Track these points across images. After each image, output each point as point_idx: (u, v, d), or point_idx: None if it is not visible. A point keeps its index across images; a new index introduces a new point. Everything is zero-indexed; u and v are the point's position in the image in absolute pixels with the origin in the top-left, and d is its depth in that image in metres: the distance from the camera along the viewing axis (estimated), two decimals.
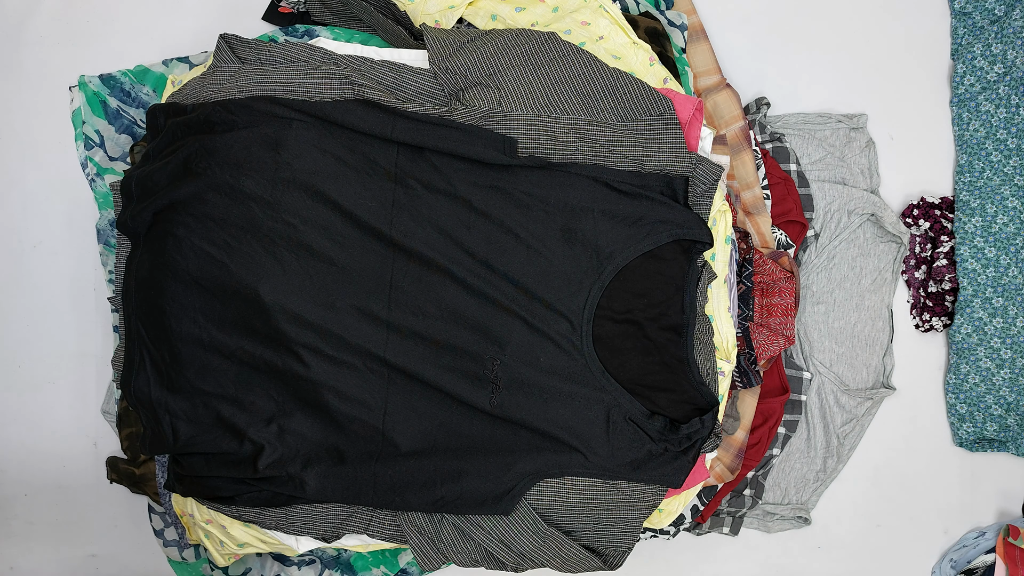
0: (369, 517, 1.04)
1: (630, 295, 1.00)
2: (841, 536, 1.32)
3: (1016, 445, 1.26)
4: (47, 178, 1.30)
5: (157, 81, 1.20)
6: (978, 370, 1.27)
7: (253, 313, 0.99)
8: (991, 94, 1.25)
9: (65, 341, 1.30)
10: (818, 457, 1.28)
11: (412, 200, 0.99)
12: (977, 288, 1.26)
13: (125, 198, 1.05)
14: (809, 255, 1.28)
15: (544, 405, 0.99)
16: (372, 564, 1.19)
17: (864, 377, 1.29)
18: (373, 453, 1.01)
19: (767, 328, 1.15)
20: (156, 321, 1.02)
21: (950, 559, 1.30)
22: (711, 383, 1.02)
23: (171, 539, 1.22)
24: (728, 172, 1.17)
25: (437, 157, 0.99)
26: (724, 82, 1.22)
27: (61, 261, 1.30)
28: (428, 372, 0.99)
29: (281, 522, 1.04)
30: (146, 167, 1.04)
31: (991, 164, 1.25)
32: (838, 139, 1.28)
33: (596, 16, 1.06)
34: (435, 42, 1.01)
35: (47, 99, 1.29)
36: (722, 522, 1.26)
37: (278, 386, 1.01)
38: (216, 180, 0.98)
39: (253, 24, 1.28)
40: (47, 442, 1.31)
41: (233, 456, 1.02)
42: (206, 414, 1.02)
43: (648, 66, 1.05)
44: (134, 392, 1.04)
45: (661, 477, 1.00)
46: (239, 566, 1.19)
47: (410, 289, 1.00)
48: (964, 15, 1.28)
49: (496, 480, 0.99)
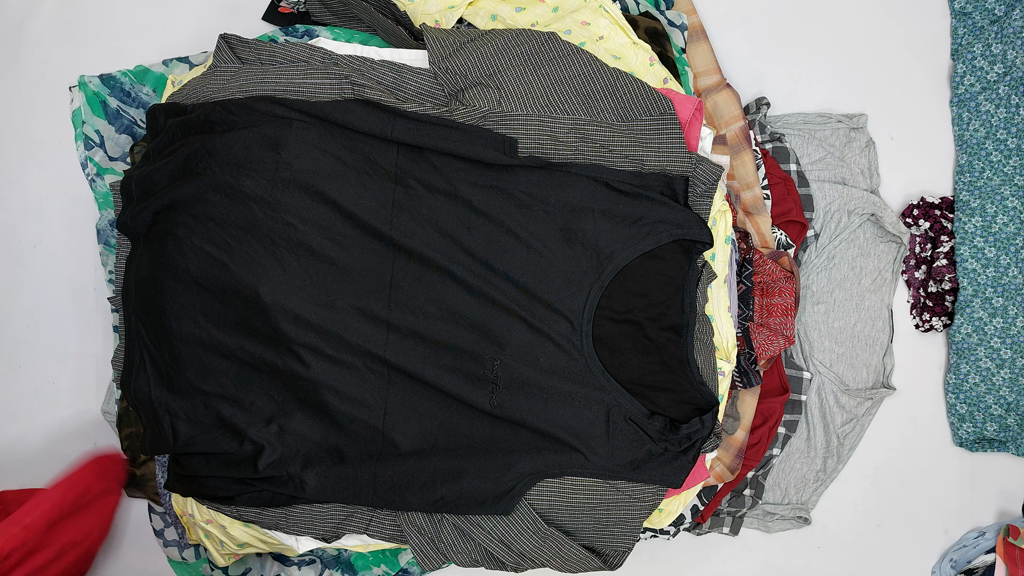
0: (369, 517, 1.04)
1: (630, 295, 0.99)
2: (841, 536, 1.32)
3: (1016, 445, 1.26)
4: (47, 178, 1.29)
5: (157, 81, 1.20)
6: (978, 370, 1.27)
7: (253, 313, 0.99)
8: (991, 94, 1.25)
9: (65, 341, 1.30)
10: (818, 457, 1.28)
11: (412, 200, 0.99)
12: (977, 288, 1.26)
13: (125, 198, 1.05)
14: (809, 255, 1.28)
15: (544, 405, 0.99)
16: (372, 564, 1.19)
17: (864, 377, 1.29)
18: (373, 453, 1.01)
19: (767, 328, 1.15)
20: (156, 321, 1.02)
21: (950, 559, 1.30)
22: (711, 383, 1.02)
23: (171, 539, 1.22)
24: (728, 172, 1.17)
25: (437, 157, 0.99)
26: (724, 82, 1.22)
27: (61, 261, 1.30)
28: (428, 372, 0.99)
29: (281, 522, 1.04)
30: (146, 167, 1.04)
31: (991, 164, 1.25)
32: (838, 139, 1.28)
33: (596, 16, 1.06)
34: (435, 42, 1.01)
35: (47, 99, 1.29)
36: (722, 522, 1.26)
37: (278, 386, 1.01)
38: (216, 180, 0.98)
39: (253, 24, 1.28)
40: (47, 442, 1.31)
41: (233, 456, 1.02)
42: (206, 414, 1.02)
43: (648, 66, 1.05)
44: (134, 392, 1.04)
45: (661, 477, 1.00)
46: (239, 566, 1.19)
47: (410, 289, 1.00)
48: (964, 15, 1.28)
49: (496, 480, 0.99)
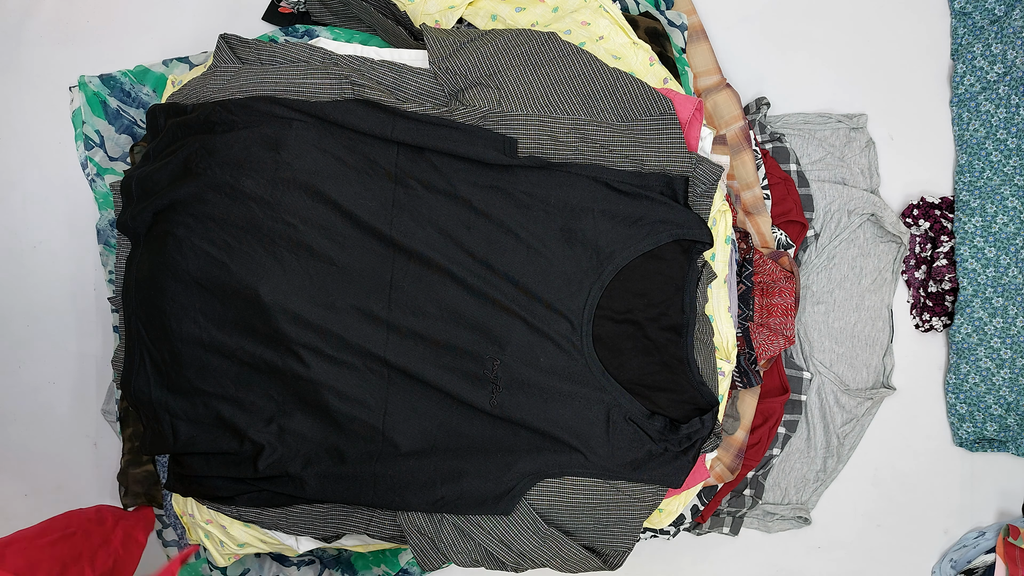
0: (369, 517, 1.04)
1: (630, 295, 0.99)
2: (841, 536, 1.32)
3: (1016, 445, 1.26)
4: (47, 178, 1.29)
5: (157, 81, 1.20)
6: (978, 370, 1.27)
7: (253, 313, 0.99)
8: (991, 94, 1.25)
9: (65, 341, 1.30)
10: (818, 457, 1.28)
11: (412, 200, 0.99)
12: (977, 288, 1.26)
13: (125, 198, 1.05)
14: (809, 255, 1.28)
15: (544, 405, 0.99)
16: (372, 564, 1.19)
17: (864, 377, 1.29)
18: (373, 453, 1.01)
19: (767, 328, 1.15)
20: (156, 321, 1.02)
21: (950, 559, 1.30)
22: (711, 383, 1.02)
23: (171, 539, 1.22)
24: (728, 172, 1.17)
25: (437, 157, 0.99)
26: (724, 82, 1.22)
27: (61, 261, 1.30)
28: (428, 372, 0.99)
29: (281, 522, 1.04)
30: (146, 167, 1.04)
31: (991, 164, 1.25)
32: (838, 139, 1.28)
33: (596, 16, 1.06)
34: (435, 42, 1.01)
35: (47, 99, 1.29)
36: (722, 522, 1.26)
37: (278, 386, 1.01)
38: (216, 180, 0.98)
39: (253, 24, 1.28)
40: (47, 442, 1.31)
41: (233, 456, 1.02)
42: (206, 414, 1.02)
43: (648, 66, 1.05)
44: (134, 392, 1.04)
45: (661, 477, 1.00)
46: (237, 566, 1.19)
47: (410, 289, 0.99)
48: (964, 15, 1.28)
49: (496, 480, 0.99)
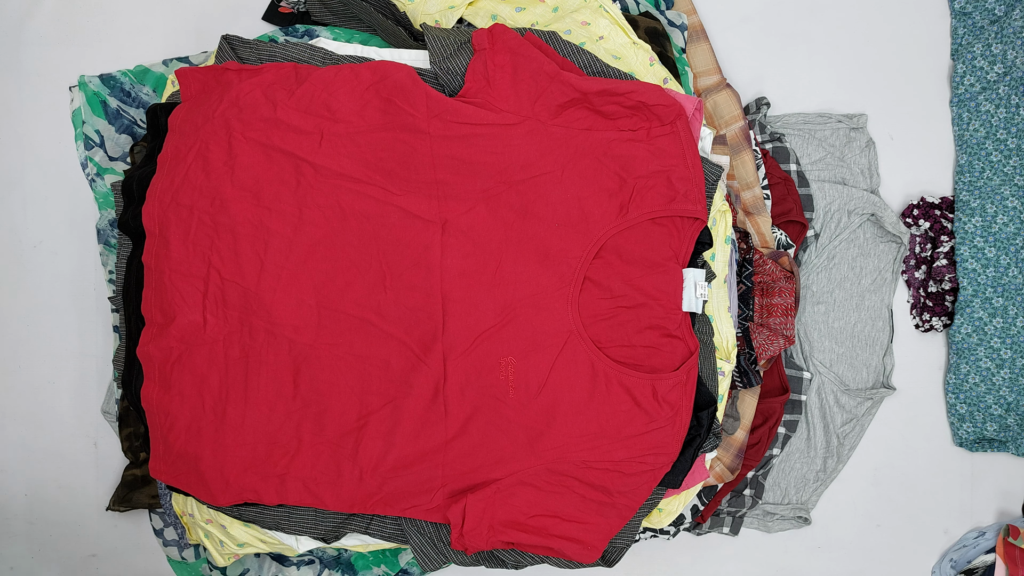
0: (369, 517, 1.04)
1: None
2: (841, 536, 1.32)
3: (1016, 445, 1.26)
4: (47, 178, 1.29)
5: (157, 81, 1.20)
6: (978, 370, 1.27)
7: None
8: (991, 94, 1.25)
9: (65, 341, 1.30)
10: (818, 457, 1.28)
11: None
12: (977, 288, 1.26)
13: (126, 198, 1.06)
14: (809, 255, 1.28)
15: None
16: (372, 564, 1.19)
17: (864, 377, 1.29)
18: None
19: (767, 328, 1.15)
20: None
21: (950, 559, 1.30)
22: (711, 383, 1.02)
23: (171, 539, 1.22)
24: (728, 172, 1.17)
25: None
26: (724, 82, 1.22)
27: (61, 261, 1.30)
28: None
29: (282, 522, 1.04)
30: (147, 167, 1.04)
31: (991, 164, 1.25)
32: (838, 139, 1.28)
33: (596, 16, 1.06)
34: (435, 42, 1.01)
35: (47, 99, 1.29)
36: (722, 522, 1.26)
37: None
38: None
39: (253, 24, 1.28)
40: (47, 442, 1.31)
41: None
42: None
43: (648, 66, 1.05)
44: (134, 392, 1.04)
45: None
46: (237, 567, 1.19)
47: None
48: (964, 15, 1.27)
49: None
